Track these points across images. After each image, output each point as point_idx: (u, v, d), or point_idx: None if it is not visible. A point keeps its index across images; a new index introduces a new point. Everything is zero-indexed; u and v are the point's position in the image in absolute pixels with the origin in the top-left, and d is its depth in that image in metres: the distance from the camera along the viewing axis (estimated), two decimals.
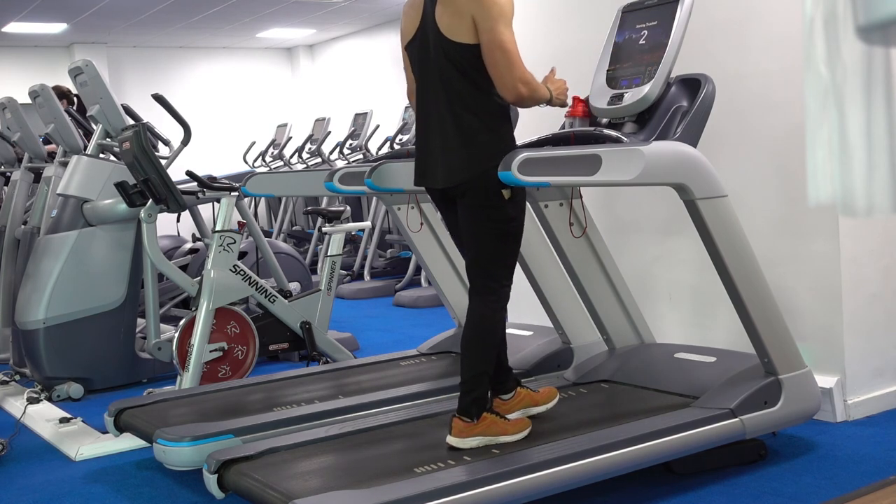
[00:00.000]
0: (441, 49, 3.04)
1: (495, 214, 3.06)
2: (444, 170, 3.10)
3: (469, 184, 3.04)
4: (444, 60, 3.04)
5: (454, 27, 2.99)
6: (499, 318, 3.15)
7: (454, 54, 3.01)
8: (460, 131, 3.04)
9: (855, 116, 1.23)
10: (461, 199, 3.11)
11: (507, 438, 3.10)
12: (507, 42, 2.92)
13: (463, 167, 3.04)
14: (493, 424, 3.10)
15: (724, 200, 3.22)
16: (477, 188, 3.03)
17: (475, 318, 3.13)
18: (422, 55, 3.13)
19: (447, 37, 3.01)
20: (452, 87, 3.04)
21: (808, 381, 3.39)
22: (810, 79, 1.26)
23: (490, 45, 2.93)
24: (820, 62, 1.24)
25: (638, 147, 3.02)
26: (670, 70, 3.23)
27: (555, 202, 3.76)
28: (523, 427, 3.16)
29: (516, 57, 2.94)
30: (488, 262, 3.12)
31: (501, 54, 2.92)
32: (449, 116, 3.06)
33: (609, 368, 3.87)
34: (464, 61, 3.00)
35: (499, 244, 3.11)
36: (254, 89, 14.16)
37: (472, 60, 2.98)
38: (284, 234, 10.56)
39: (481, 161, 3.01)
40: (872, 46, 1.19)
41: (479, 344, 3.11)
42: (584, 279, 3.86)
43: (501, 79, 2.94)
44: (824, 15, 1.23)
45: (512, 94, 2.95)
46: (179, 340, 4.83)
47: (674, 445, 3.11)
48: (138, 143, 4.57)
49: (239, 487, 2.94)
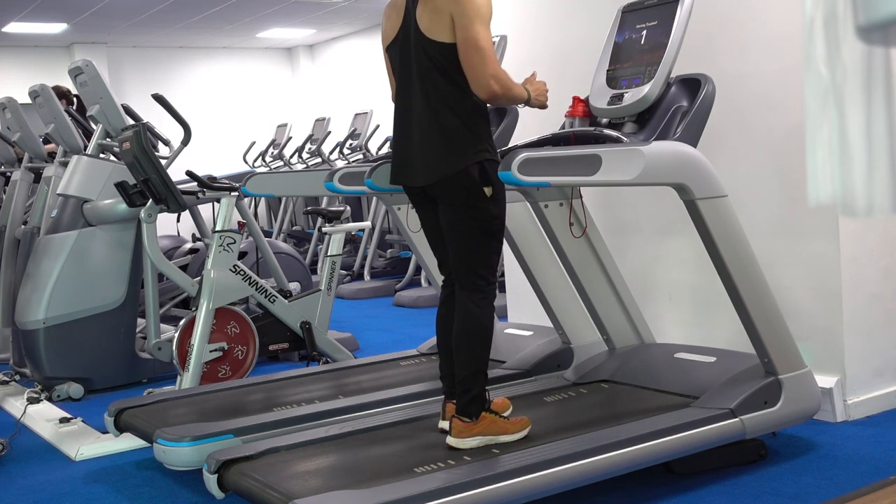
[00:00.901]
0: (421, 48, 3.08)
1: (477, 213, 3.09)
2: (422, 167, 3.13)
3: (447, 182, 3.07)
4: (424, 59, 3.09)
5: (434, 26, 3.04)
6: (488, 316, 3.16)
7: (433, 53, 3.05)
8: (439, 129, 3.07)
9: (855, 116, 1.23)
10: (442, 199, 3.14)
11: (507, 438, 3.10)
12: (482, 40, 2.96)
13: (441, 164, 3.07)
14: (493, 424, 3.10)
15: (724, 200, 3.22)
16: (456, 186, 3.07)
17: (464, 316, 3.14)
18: (403, 55, 3.18)
19: (427, 36, 3.06)
20: (431, 86, 3.08)
21: (808, 381, 3.39)
22: (810, 79, 1.26)
23: (465, 42, 2.98)
24: (820, 62, 1.24)
25: (638, 147, 3.02)
26: (670, 70, 3.23)
27: (555, 202, 3.76)
28: (523, 426, 3.16)
29: (490, 54, 2.98)
30: (473, 260, 3.14)
31: (475, 52, 2.97)
32: (427, 114, 3.10)
33: (609, 368, 3.87)
34: (443, 60, 3.04)
35: (482, 242, 3.13)
36: (254, 89, 14.16)
37: (450, 59, 3.03)
38: (284, 234, 10.56)
39: (460, 158, 3.04)
40: (872, 46, 1.19)
41: (471, 342, 3.13)
42: (584, 279, 3.87)
43: (475, 75, 2.99)
44: (824, 15, 1.22)
45: (485, 90, 2.99)
46: (179, 340, 4.84)
47: (674, 445, 3.11)
48: (138, 143, 4.57)
49: (239, 487, 2.94)
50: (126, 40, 12.65)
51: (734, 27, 3.99)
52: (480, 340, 3.13)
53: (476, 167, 3.05)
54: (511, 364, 4.21)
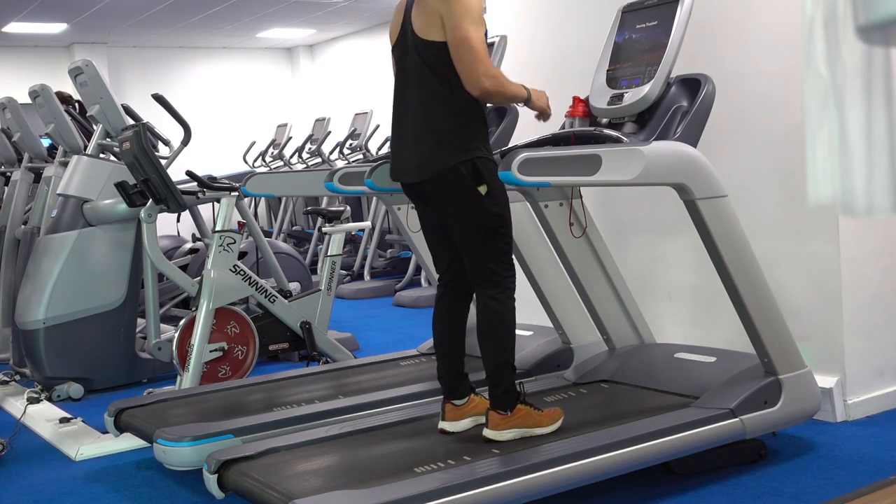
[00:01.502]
0: (416, 48, 3.13)
1: (476, 211, 3.10)
2: (415, 164, 3.16)
3: (438, 180, 3.10)
4: (418, 59, 3.13)
5: (426, 26, 3.09)
6: (507, 308, 3.17)
7: (426, 52, 3.10)
8: (431, 127, 3.10)
9: (855, 116, 1.23)
10: (435, 197, 3.16)
11: (541, 430, 3.15)
12: (473, 38, 2.99)
13: (431, 162, 3.10)
14: (529, 416, 3.14)
15: (723, 200, 3.22)
16: (448, 185, 3.09)
17: (482, 310, 3.17)
18: (402, 55, 3.23)
19: (420, 36, 3.11)
20: (426, 85, 3.12)
21: (808, 381, 3.39)
22: (810, 79, 1.26)
23: (455, 41, 3.01)
24: (820, 62, 1.24)
25: (638, 147, 3.02)
26: (670, 70, 3.23)
27: (555, 202, 3.76)
28: (556, 418, 3.20)
29: (481, 52, 3.00)
30: (483, 257, 3.16)
31: (466, 49, 2.99)
32: (421, 113, 3.13)
33: (609, 368, 3.87)
34: (435, 59, 3.08)
35: (487, 240, 3.14)
36: (254, 89, 14.16)
37: (442, 58, 3.06)
38: (284, 234, 10.56)
39: (450, 156, 3.07)
40: (872, 46, 1.19)
41: (493, 336, 3.15)
42: (584, 279, 3.87)
43: (466, 73, 3.01)
44: (824, 15, 1.22)
45: (476, 87, 3.02)
46: (179, 340, 4.83)
47: (674, 445, 3.11)
48: (138, 143, 4.57)
49: (239, 487, 2.94)
50: (126, 40, 12.65)
51: (734, 27, 3.99)
52: (501, 332, 3.15)
53: (467, 165, 3.06)
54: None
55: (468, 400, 3.29)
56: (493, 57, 4.11)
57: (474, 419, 3.27)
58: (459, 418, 3.27)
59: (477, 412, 3.28)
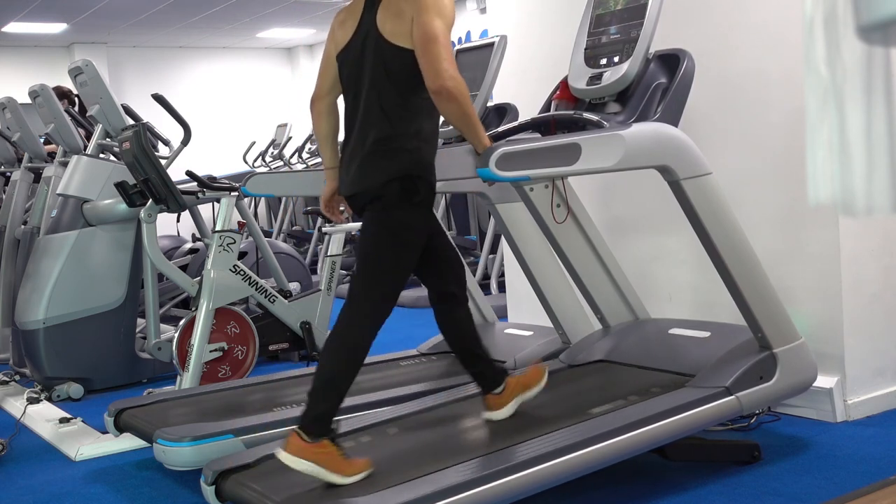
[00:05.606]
0: (380, 55, 2.96)
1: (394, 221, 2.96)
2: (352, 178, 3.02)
3: (368, 194, 2.96)
4: (379, 68, 2.96)
5: (397, 31, 2.92)
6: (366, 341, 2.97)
7: (390, 58, 2.94)
8: (376, 142, 2.95)
9: (855, 116, 1.23)
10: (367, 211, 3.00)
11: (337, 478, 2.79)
12: (439, 34, 2.83)
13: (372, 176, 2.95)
14: (331, 458, 2.81)
15: (708, 178, 3.17)
16: (380, 198, 2.94)
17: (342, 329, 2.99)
18: (356, 63, 3.05)
19: (390, 41, 2.94)
20: (381, 98, 2.96)
21: (804, 352, 3.35)
22: (810, 79, 1.26)
23: (423, 36, 2.84)
24: (820, 62, 1.24)
25: (617, 132, 2.97)
26: (649, 45, 3.17)
27: (539, 185, 3.66)
28: (360, 469, 2.84)
29: (448, 51, 2.84)
30: (376, 270, 3.02)
31: (434, 44, 2.82)
32: (367, 124, 2.98)
33: (604, 348, 3.83)
34: (397, 67, 2.93)
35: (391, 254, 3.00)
36: (254, 89, 14.16)
37: (405, 66, 2.90)
38: (284, 234, 10.56)
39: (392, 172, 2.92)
40: (872, 46, 1.19)
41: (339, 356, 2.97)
42: (574, 259, 3.80)
43: (430, 67, 2.82)
44: (824, 15, 1.22)
45: (437, 81, 2.80)
46: (179, 340, 4.83)
47: (670, 429, 3.06)
48: (138, 143, 4.57)
49: (237, 498, 2.91)
50: (126, 40, 12.65)
51: (734, 27, 3.99)
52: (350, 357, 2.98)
53: (405, 181, 2.92)
54: (511, 364, 4.20)
55: (505, 385, 3.25)
56: (493, 57, 4.11)
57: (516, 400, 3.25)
58: (502, 406, 3.24)
59: (517, 393, 3.25)
